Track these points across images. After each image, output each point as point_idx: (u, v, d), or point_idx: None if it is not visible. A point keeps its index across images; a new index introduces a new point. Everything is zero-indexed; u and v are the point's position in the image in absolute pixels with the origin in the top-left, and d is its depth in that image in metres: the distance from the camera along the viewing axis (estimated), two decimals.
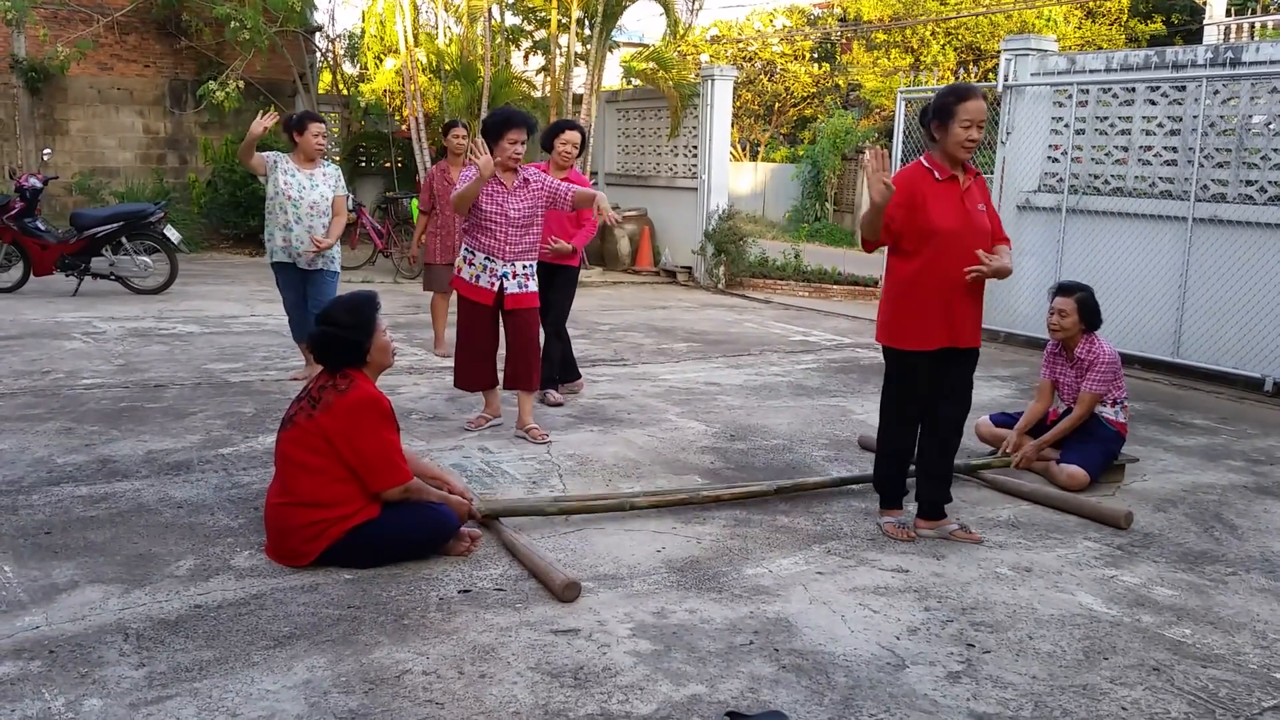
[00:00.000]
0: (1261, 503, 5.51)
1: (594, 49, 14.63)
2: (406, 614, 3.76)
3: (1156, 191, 9.04)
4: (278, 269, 7.21)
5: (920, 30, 25.76)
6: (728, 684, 3.34)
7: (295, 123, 7.11)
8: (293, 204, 6.97)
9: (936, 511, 4.79)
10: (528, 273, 6.07)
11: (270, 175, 7.02)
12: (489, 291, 5.98)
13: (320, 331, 4.19)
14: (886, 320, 4.71)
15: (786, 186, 25.48)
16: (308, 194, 7.00)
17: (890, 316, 4.67)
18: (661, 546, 4.52)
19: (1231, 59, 8.61)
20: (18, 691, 3.13)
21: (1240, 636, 3.86)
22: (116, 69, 16.64)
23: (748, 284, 14.20)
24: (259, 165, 7.03)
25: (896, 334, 4.65)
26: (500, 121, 5.90)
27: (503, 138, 5.84)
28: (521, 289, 6.04)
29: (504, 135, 5.84)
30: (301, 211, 6.99)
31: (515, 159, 5.92)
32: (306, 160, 7.08)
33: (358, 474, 4.06)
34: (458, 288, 6.08)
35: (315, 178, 7.07)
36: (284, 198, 6.98)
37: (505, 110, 6.18)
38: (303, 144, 7.03)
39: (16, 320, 9.45)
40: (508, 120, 5.89)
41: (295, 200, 6.97)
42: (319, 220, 7.04)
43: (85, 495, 4.87)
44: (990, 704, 3.28)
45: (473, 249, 6.00)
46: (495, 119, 5.97)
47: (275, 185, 7.01)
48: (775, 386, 7.94)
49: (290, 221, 6.99)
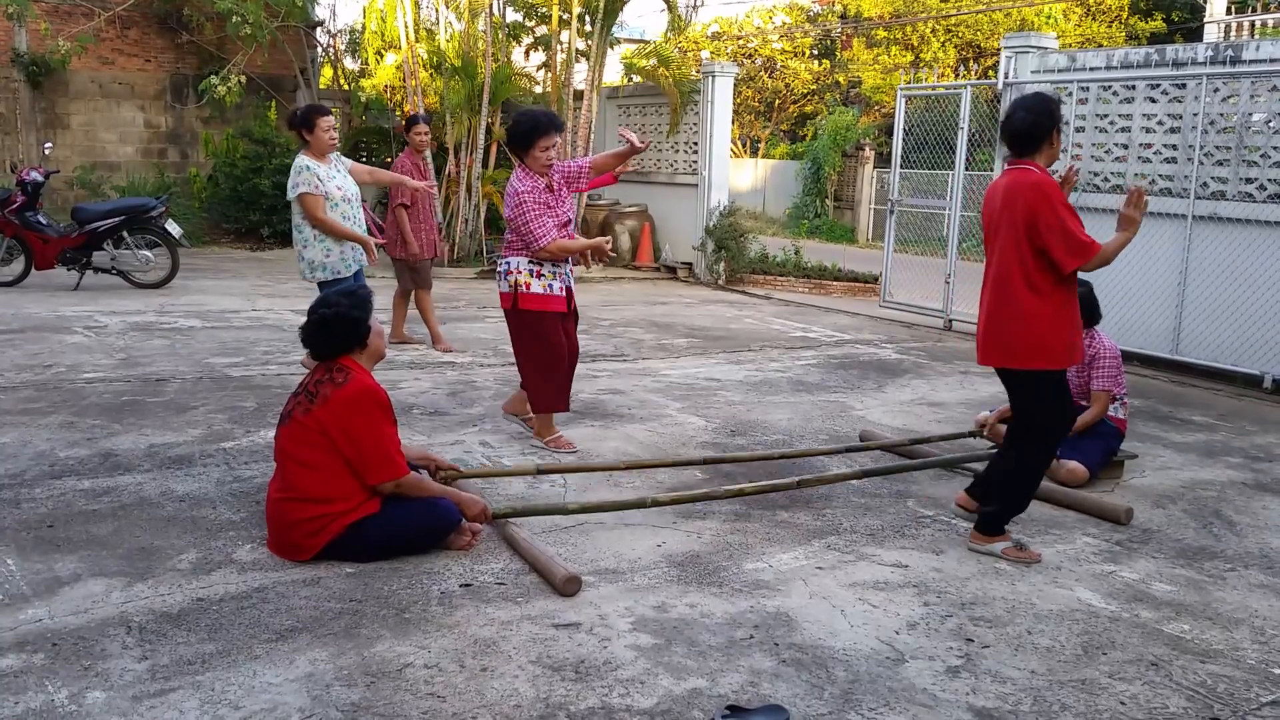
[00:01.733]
0: (1260, 499, 5.52)
1: (595, 45, 14.63)
2: (408, 608, 3.77)
3: (1156, 189, 9.05)
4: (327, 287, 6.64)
5: (920, 27, 25.75)
6: (728, 678, 3.36)
7: (302, 120, 6.80)
8: (347, 203, 6.79)
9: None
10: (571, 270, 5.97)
11: (322, 190, 6.68)
12: (563, 299, 5.79)
13: (319, 315, 4.17)
14: (1043, 342, 4.31)
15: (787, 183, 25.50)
16: (349, 188, 6.86)
17: (1049, 337, 4.32)
18: (662, 541, 4.53)
19: (1231, 57, 8.62)
20: (21, 684, 3.14)
21: (1238, 632, 3.87)
22: (118, 63, 16.63)
23: (748, 280, 14.21)
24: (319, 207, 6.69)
25: (1059, 353, 4.35)
26: (530, 129, 5.60)
27: (534, 146, 5.58)
28: (573, 288, 5.95)
29: (535, 144, 5.58)
30: (349, 209, 6.82)
31: (549, 165, 5.67)
32: (322, 156, 6.81)
33: (354, 466, 4.05)
34: (531, 306, 5.70)
35: (342, 170, 6.92)
36: (333, 201, 6.72)
37: (533, 115, 5.76)
38: (315, 141, 6.75)
39: (18, 314, 9.46)
40: (535, 127, 5.59)
41: (349, 200, 6.80)
42: (361, 214, 6.94)
43: (87, 489, 4.89)
44: (989, 698, 3.30)
45: (537, 261, 5.68)
46: (523, 127, 5.63)
47: (331, 198, 6.72)
48: (775, 382, 7.95)
49: (349, 225, 6.81)
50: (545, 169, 5.66)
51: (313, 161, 6.74)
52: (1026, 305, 4.29)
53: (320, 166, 6.75)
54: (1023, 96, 4.51)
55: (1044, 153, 4.37)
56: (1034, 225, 4.21)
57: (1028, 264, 4.27)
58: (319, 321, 4.16)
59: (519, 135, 5.63)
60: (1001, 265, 4.36)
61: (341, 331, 4.16)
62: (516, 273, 5.70)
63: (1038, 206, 4.20)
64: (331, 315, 4.15)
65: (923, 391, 7.85)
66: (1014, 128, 4.37)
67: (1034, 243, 4.23)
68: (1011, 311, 4.32)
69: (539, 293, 5.71)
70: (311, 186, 6.66)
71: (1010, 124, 4.39)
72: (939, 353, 9.61)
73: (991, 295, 4.42)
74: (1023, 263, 4.27)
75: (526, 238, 5.60)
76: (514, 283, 5.70)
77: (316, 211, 6.66)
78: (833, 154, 23.55)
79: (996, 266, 4.40)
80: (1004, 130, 4.44)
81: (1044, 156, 4.37)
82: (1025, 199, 4.22)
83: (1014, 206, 4.27)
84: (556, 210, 5.68)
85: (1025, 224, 4.23)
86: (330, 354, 4.18)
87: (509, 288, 5.73)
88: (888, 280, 11.99)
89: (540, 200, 5.60)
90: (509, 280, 5.72)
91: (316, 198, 6.66)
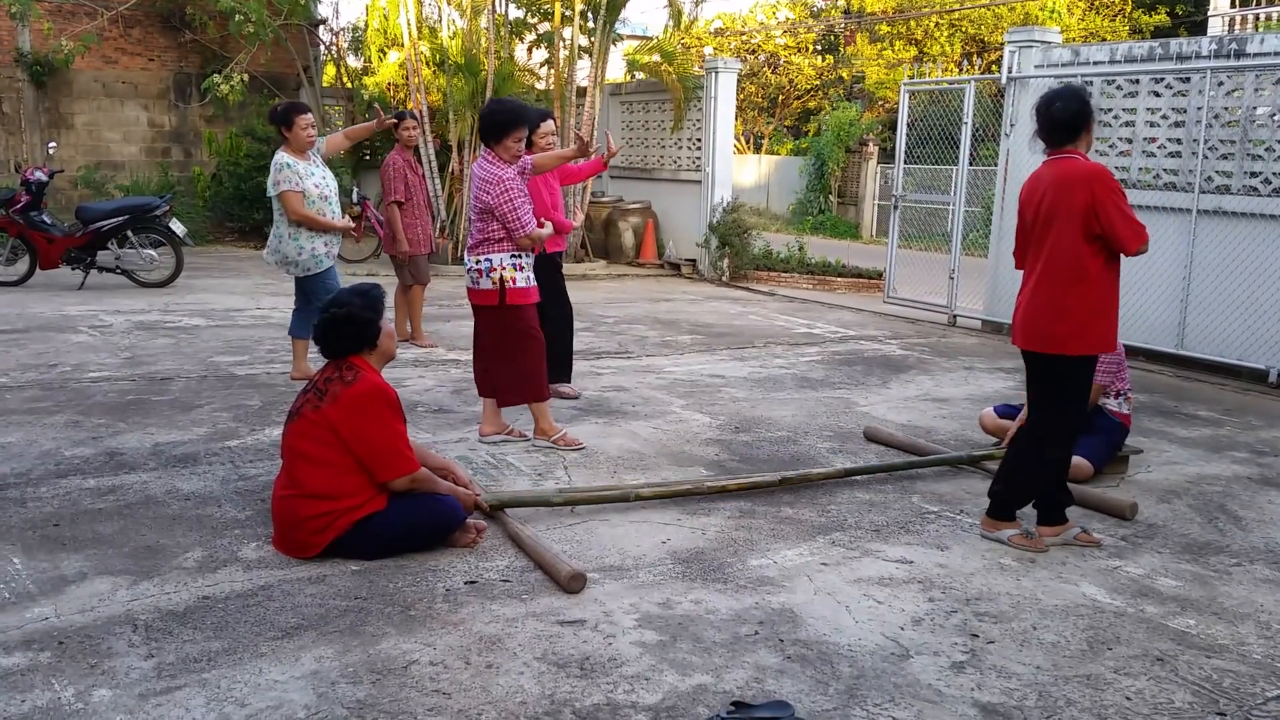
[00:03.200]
0: (1266, 494, 5.51)
1: (597, 42, 14.62)
2: (413, 605, 3.78)
3: (1161, 183, 9.03)
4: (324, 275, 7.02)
5: (924, 22, 25.70)
6: (733, 674, 3.36)
7: (281, 117, 6.87)
8: (325, 202, 6.87)
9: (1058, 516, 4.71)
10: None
11: (301, 188, 6.77)
12: (537, 287, 5.82)
13: (330, 315, 4.18)
14: (1096, 328, 4.39)
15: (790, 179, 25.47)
16: (328, 186, 6.92)
17: (1101, 320, 4.39)
18: (666, 538, 4.53)
19: (1236, 50, 8.59)
20: (28, 682, 3.15)
21: (1244, 627, 3.87)
22: (121, 63, 16.66)
23: (752, 276, 14.20)
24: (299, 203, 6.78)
25: (1106, 337, 4.44)
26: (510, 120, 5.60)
27: (508, 136, 5.58)
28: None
29: (509, 135, 5.58)
30: (328, 206, 6.90)
31: (518, 156, 5.67)
32: (301, 153, 6.87)
33: (365, 464, 4.07)
34: (519, 300, 5.69)
35: (320, 165, 6.98)
36: (315, 199, 6.84)
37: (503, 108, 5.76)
38: (294, 138, 6.82)
39: (23, 314, 9.48)
40: (517, 119, 5.62)
41: (327, 198, 6.88)
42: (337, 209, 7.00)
43: (93, 487, 4.90)
44: (994, 694, 3.30)
45: (517, 253, 5.67)
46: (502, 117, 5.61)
47: (309, 195, 6.80)
48: (779, 379, 7.95)
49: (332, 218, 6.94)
50: (515, 159, 5.66)
51: (292, 158, 6.84)
52: (1087, 292, 4.35)
53: (299, 163, 6.85)
54: (1053, 90, 4.53)
55: (1083, 140, 4.44)
56: (1094, 212, 4.26)
57: (1084, 251, 4.32)
58: (330, 320, 4.17)
59: (498, 124, 5.57)
60: (1057, 253, 4.37)
61: (353, 331, 4.17)
62: (500, 269, 5.63)
63: (1100, 194, 4.26)
64: (343, 315, 4.17)
65: (927, 387, 7.84)
66: (1056, 118, 4.39)
67: (1091, 230, 4.28)
68: (1071, 299, 4.36)
69: (524, 286, 5.70)
70: (292, 184, 6.76)
71: (1051, 115, 4.41)
72: (943, 348, 9.60)
73: (1046, 283, 4.43)
74: (1080, 250, 4.32)
75: (512, 225, 5.55)
76: (498, 279, 5.64)
77: (298, 207, 6.77)
78: (836, 150, 23.51)
79: (1050, 255, 4.40)
80: (1044, 122, 4.45)
81: (1083, 144, 4.44)
82: (1085, 187, 4.28)
83: (1070, 195, 4.30)
84: (535, 194, 5.78)
85: (1084, 211, 4.27)
86: (340, 353, 4.19)
87: (493, 285, 5.64)
88: (892, 276, 11.97)
89: (521, 187, 5.63)
90: (492, 278, 5.64)
91: (296, 194, 6.78)
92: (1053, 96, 4.45)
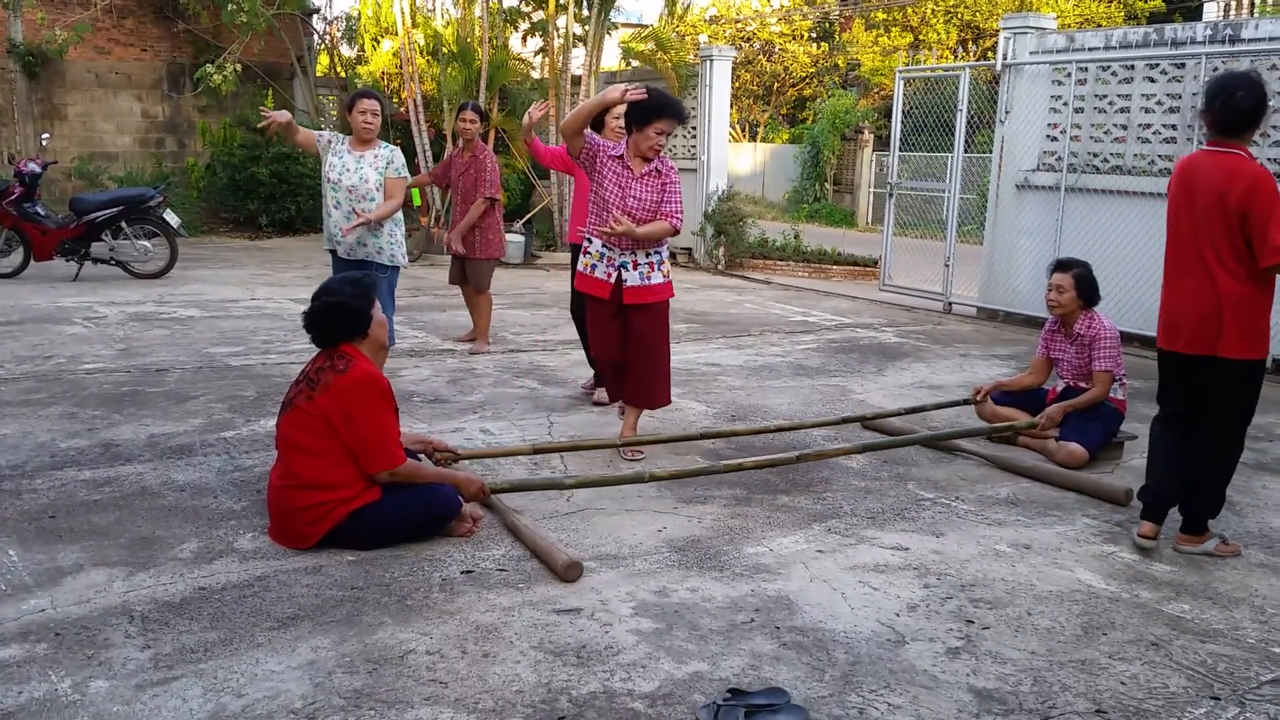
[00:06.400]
0: (1260, 479, 5.53)
1: (592, 30, 14.58)
2: (409, 595, 3.78)
3: (1155, 170, 9.02)
4: (331, 256, 7.12)
5: (920, 8, 25.65)
6: (729, 661, 3.37)
7: (348, 102, 7.00)
8: (332, 187, 6.84)
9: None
10: (652, 262, 5.42)
11: (323, 156, 6.92)
12: (605, 283, 5.42)
13: (320, 303, 4.17)
14: (1260, 331, 4.21)
15: (786, 167, 25.46)
16: (348, 177, 6.80)
17: (1264, 325, 4.22)
18: (663, 526, 4.54)
19: (1231, 36, 8.58)
20: (24, 673, 3.15)
21: (1238, 611, 3.88)
22: (114, 53, 16.59)
23: (747, 265, 14.20)
24: (308, 143, 6.91)
25: (1267, 342, 4.26)
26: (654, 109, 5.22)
27: (649, 126, 5.22)
28: (644, 281, 5.41)
29: (650, 124, 5.22)
30: (340, 195, 6.82)
31: (655, 150, 5.29)
32: (359, 142, 6.85)
33: (353, 453, 4.05)
34: (577, 282, 5.60)
35: (364, 160, 6.84)
36: (325, 180, 6.89)
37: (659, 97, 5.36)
38: (351, 123, 6.84)
39: (17, 305, 9.46)
40: (662, 108, 5.25)
41: (334, 183, 6.82)
42: (361, 205, 6.79)
43: (88, 479, 4.89)
44: (990, 679, 3.31)
45: (590, 235, 5.42)
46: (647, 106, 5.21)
47: (322, 168, 6.95)
48: (775, 367, 7.95)
49: (331, 206, 6.89)
50: (651, 152, 5.30)
51: (342, 139, 6.96)
52: (1246, 294, 4.14)
53: (342, 150, 6.87)
54: (1232, 75, 4.25)
55: (1250, 135, 4.18)
56: (1248, 217, 4.04)
57: (1240, 252, 4.11)
58: (321, 309, 4.17)
59: (639, 112, 5.21)
60: (1211, 252, 4.17)
61: (343, 320, 4.16)
62: (666, 262, 5.49)
63: (1260, 201, 4.02)
64: (334, 303, 4.16)
65: (923, 374, 7.85)
66: (1237, 107, 4.10)
67: (1245, 234, 4.07)
68: (1228, 301, 4.15)
69: (581, 271, 5.54)
70: (320, 142, 6.97)
71: (1232, 104, 4.10)
72: (939, 336, 9.61)
73: (1199, 282, 4.22)
74: (1235, 251, 4.11)
75: (679, 220, 5.37)
76: (666, 272, 5.49)
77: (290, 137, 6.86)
78: (832, 137, 23.51)
79: (1202, 252, 4.20)
80: (1222, 110, 4.14)
81: (1248, 139, 4.18)
82: (1247, 190, 4.04)
83: (1228, 194, 4.07)
84: (625, 186, 5.36)
85: (1239, 213, 4.05)
86: (332, 341, 4.18)
87: (664, 277, 5.47)
88: (887, 264, 11.98)
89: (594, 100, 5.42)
90: (663, 270, 5.46)
91: (310, 141, 6.96)
92: (1234, 84, 4.14)
